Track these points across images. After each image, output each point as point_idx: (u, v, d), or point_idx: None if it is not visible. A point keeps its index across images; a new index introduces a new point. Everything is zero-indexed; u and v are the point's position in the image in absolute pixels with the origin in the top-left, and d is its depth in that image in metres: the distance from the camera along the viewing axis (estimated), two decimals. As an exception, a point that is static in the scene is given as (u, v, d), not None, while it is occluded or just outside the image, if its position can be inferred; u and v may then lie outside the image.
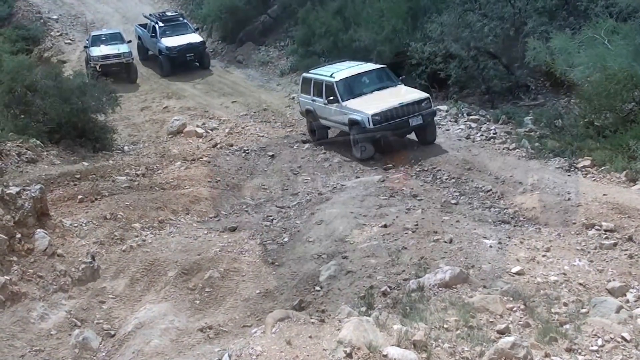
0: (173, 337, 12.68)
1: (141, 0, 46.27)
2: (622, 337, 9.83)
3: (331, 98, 22.78)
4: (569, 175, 18.69)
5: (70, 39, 41.06)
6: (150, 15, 37.90)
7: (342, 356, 9.09)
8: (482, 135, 22.55)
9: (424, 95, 22.45)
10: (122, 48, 34.55)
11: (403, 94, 22.57)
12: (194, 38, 35.71)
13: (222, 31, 39.01)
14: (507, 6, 25.68)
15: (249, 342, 10.26)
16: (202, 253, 15.42)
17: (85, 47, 35.89)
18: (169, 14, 38.13)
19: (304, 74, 25.19)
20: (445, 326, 10.02)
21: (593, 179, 18.25)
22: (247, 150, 23.66)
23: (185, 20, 37.65)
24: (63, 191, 18.79)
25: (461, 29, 25.94)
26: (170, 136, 26.18)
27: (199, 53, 35.50)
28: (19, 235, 14.57)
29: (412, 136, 22.76)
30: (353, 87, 23.03)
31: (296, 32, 33.32)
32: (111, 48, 34.42)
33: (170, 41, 34.92)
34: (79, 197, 18.28)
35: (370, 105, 21.99)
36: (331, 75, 23.27)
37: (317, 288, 13.47)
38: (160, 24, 35.78)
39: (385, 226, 15.37)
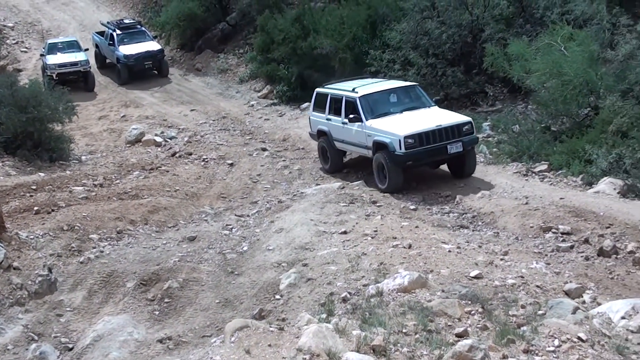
0: (132, 349, 12.61)
1: (99, 8, 45.96)
2: (579, 337, 9.92)
3: (352, 116, 19.90)
4: (526, 179, 18.93)
5: (26, 47, 40.63)
6: (107, 22, 37.65)
7: (301, 364, 9.09)
8: (440, 141, 22.65)
9: (466, 118, 19.66)
10: (79, 56, 34.25)
11: (440, 116, 19.65)
12: (152, 46, 35.54)
13: (181, 39, 38.89)
14: (464, 13, 25.92)
15: (208, 352, 10.24)
16: (161, 263, 15.28)
17: (41, 55, 35.54)
18: (126, 21, 37.92)
19: (318, 89, 22.36)
20: (404, 330, 10.03)
21: (550, 183, 18.50)
22: (206, 158, 23.58)
23: (143, 28, 37.44)
24: (19, 203, 18.58)
25: (419, 37, 26.16)
26: (128, 145, 26.01)
27: (157, 61, 35.33)
28: (-26, 248, 14.39)
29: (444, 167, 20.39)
30: (379, 104, 20.23)
31: (255, 40, 33.27)
32: (68, 56, 34.10)
33: (128, 49, 34.70)
34: (35, 208, 18.08)
35: (401, 126, 19.05)
36: (353, 90, 20.55)
37: (277, 296, 13.42)
38: (118, 32, 35.55)
39: (345, 233, 15.37)
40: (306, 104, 28.02)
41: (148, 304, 14.06)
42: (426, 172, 20.12)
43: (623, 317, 10.89)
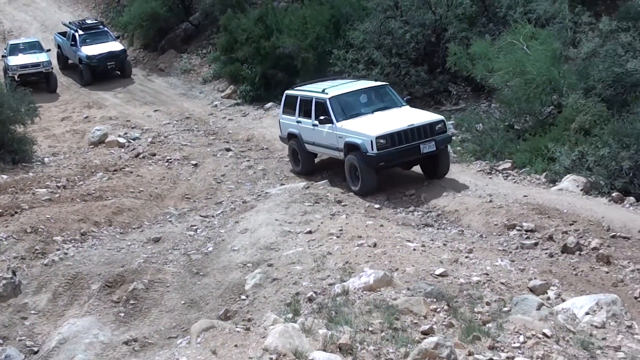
0: (98, 351, 12.55)
1: (60, 8, 45.53)
2: (543, 333, 10.03)
3: (323, 118, 19.53)
4: (490, 177, 19.06)
5: (-13, 49, 40.17)
6: (69, 23, 37.28)
7: (267, 363, 9.09)
8: (405, 140, 22.69)
9: (438, 117, 19.33)
10: (41, 57, 33.88)
11: (412, 116, 19.27)
12: (115, 46, 35.25)
13: (144, 39, 38.63)
14: (428, 13, 26.09)
15: (174, 353, 10.19)
16: (126, 265, 15.19)
17: (2, 56, 35.04)
18: (89, 22, 37.54)
19: (287, 91, 22.01)
20: (370, 329, 10.06)
21: (514, 181, 18.64)
22: (170, 159, 23.41)
23: (106, 28, 37.14)
24: (-19, 205, 18.39)
25: (383, 36, 26.25)
26: (91, 147, 25.75)
27: (120, 61, 35.05)
28: None
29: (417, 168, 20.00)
30: (350, 105, 19.82)
31: (218, 39, 33.15)
32: (30, 57, 33.72)
33: (91, 50, 34.39)
34: (-2, 211, 17.92)
35: (373, 126, 18.71)
36: (323, 91, 20.17)
37: (243, 297, 13.40)
38: (80, 32, 35.21)
39: (310, 232, 15.38)
40: (270, 104, 28.13)
41: (113, 305, 13.98)
42: (391, 172, 20.09)
43: (587, 313, 11.03)
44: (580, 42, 21.22)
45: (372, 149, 18.21)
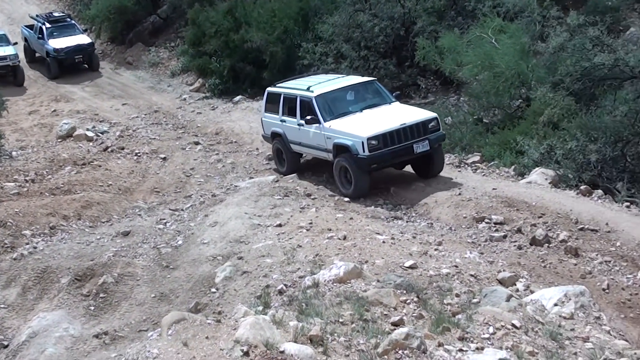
0: (68, 344, 12.50)
1: (27, 1, 45.02)
2: (513, 324, 10.13)
3: (309, 117, 18.55)
4: (459, 171, 19.15)
5: (-48, 42, 39.64)
6: (36, 16, 36.90)
7: (239, 355, 9.09)
8: (374, 133, 22.73)
9: (431, 114, 18.42)
10: (8, 50, 33.46)
11: (403, 113, 18.42)
12: (83, 39, 34.94)
13: (111, 32, 38.31)
14: (396, 6, 26.14)
15: (145, 346, 10.15)
16: (96, 258, 15.14)
17: (-31, 49, 34.71)
18: (56, 14, 37.17)
19: (269, 89, 20.91)
20: (340, 320, 10.10)
21: (482, 174, 18.74)
22: (139, 153, 23.32)
23: (73, 21, 36.79)
24: (-52, 199, 18.25)
25: (352, 30, 26.26)
26: (59, 140, 25.57)
27: (88, 54, 34.74)
28: None
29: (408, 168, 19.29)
30: (337, 104, 18.88)
31: (186, 33, 33.00)
32: (-4, 50, 33.42)
33: (58, 42, 34.05)
34: (-35, 205, 17.78)
35: (363, 126, 17.83)
36: (308, 89, 19.14)
37: (213, 290, 13.40)
38: (48, 25, 34.85)
39: (280, 225, 15.42)
40: (239, 97, 28.13)
41: (83, 299, 13.94)
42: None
43: (556, 304, 11.16)
44: (549, 36, 21.37)
45: (364, 151, 17.40)
